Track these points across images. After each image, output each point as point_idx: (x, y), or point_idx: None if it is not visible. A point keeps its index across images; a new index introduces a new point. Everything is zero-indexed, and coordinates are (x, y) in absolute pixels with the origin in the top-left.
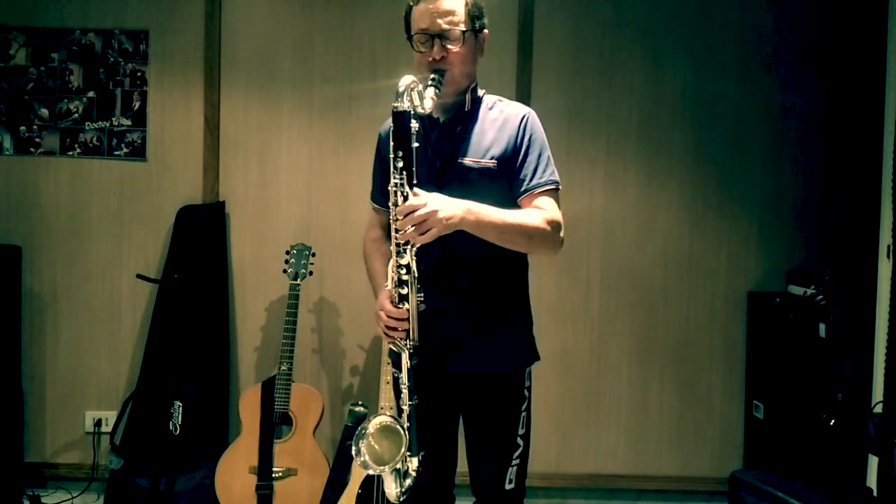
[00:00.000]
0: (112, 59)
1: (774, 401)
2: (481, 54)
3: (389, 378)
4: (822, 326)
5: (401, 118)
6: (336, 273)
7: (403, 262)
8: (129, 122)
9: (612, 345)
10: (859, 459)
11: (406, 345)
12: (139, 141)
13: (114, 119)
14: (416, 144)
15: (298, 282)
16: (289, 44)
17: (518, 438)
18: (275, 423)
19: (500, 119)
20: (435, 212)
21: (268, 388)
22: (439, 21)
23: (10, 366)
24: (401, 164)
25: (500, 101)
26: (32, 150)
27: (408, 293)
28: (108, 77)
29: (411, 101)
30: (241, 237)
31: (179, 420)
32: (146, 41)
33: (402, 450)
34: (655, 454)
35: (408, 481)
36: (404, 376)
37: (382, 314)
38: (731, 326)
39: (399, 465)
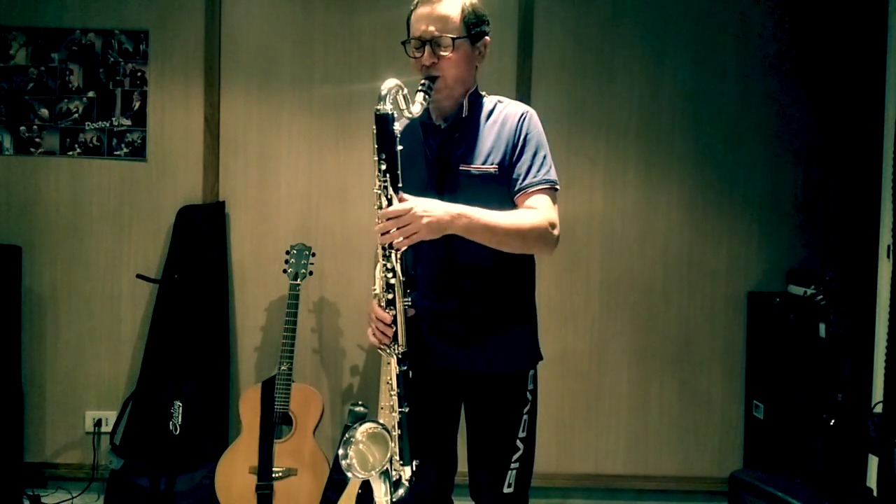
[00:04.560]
0: (112, 59)
1: (774, 401)
2: (481, 60)
3: (389, 378)
4: (822, 326)
5: (383, 121)
6: (336, 273)
7: (389, 266)
8: (129, 122)
9: (612, 345)
10: (859, 459)
11: (394, 350)
12: (139, 141)
13: (114, 119)
14: (400, 147)
15: (298, 282)
16: (289, 44)
17: (518, 441)
18: (275, 423)
19: (499, 121)
20: (419, 216)
21: (268, 388)
22: (431, 28)
23: (10, 366)
24: (384, 167)
25: (500, 101)
26: (32, 150)
27: (394, 298)
28: (108, 77)
29: (395, 104)
30: (241, 237)
31: (179, 420)
32: (146, 41)
33: (388, 455)
34: (655, 454)
35: (400, 491)
36: (393, 382)
37: (372, 316)
38: (731, 326)
39: (386, 469)
